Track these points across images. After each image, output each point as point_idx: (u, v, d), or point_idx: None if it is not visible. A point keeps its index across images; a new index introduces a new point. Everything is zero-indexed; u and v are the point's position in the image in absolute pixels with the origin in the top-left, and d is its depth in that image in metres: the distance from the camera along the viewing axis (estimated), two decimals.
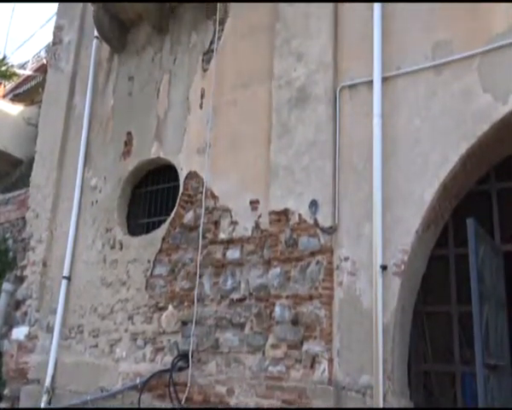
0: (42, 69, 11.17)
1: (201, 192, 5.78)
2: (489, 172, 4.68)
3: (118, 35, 7.24)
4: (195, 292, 5.49)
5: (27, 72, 11.67)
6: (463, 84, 4.36)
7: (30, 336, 6.94)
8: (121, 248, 6.41)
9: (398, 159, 4.54)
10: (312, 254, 4.79)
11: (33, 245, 7.33)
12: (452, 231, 4.84)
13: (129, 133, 6.79)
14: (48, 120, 7.87)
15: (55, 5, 8.93)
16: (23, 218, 7.71)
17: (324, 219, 4.80)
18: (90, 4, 7.31)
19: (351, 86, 4.97)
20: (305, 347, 4.65)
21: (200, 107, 6.12)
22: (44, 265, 7.11)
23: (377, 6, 4.84)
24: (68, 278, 6.76)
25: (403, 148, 4.54)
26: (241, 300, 5.21)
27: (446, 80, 4.46)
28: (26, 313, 7.08)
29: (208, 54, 6.25)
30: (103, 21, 7.10)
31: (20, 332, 7.07)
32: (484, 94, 4.25)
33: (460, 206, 4.74)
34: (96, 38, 7.54)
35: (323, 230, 4.78)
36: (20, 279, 7.33)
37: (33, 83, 11.29)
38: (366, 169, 4.68)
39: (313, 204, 4.90)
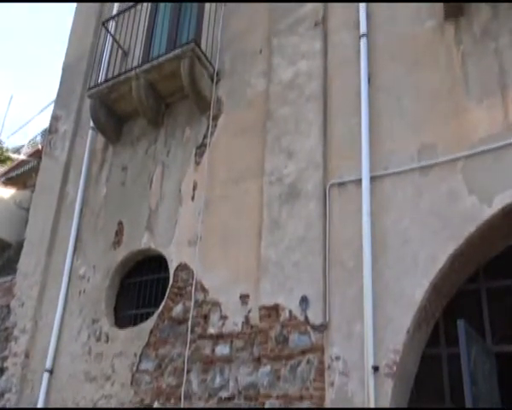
0: (36, 154, 11.36)
1: (191, 285, 5.75)
2: (478, 271, 4.72)
3: (113, 127, 7.45)
4: (182, 389, 5.32)
5: (22, 156, 11.86)
6: (449, 186, 4.50)
7: None
8: (107, 340, 6.25)
9: (387, 257, 4.58)
10: (303, 352, 4.71)
11: (16, 335, 7.12)
12: (443, 329, 4.80)
13: (120, 223, 6.82)
14: (39, 206, 7.91)
15: (54, 93, 9.22)
16: (8, 306, 7.54)
17: (315, 316, 4.76)
18: (87, 97, 7.56)
19: (340, 184, 5.10)
20: None
21: (192, 199, 6.21)
22: (27, 356, 6.89)
23: (365, 110, 5.07)
24: (51, 371, 6.54)
25: (392, 246, 4.60)
26: (230, 398, 5.04)
27: (432, 181, 4.60)
28: (4, 409, 6.76)
29: (201, 148, 6.43)
30: (99, 114, 7.32)
31: None
32: (469, 196, 4.38)
33: (450, 304, 4.74)
34: (92, 128, 7.75)
35: (314, 327, 4.73)
36: (1, 371, 7.06)
37: (27, 167, 11.45)
38: (356, 267, 4.71)
39: (304, 300, 4.88)
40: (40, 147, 11.55)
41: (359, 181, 4.94)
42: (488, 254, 4.62)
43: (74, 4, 9.85)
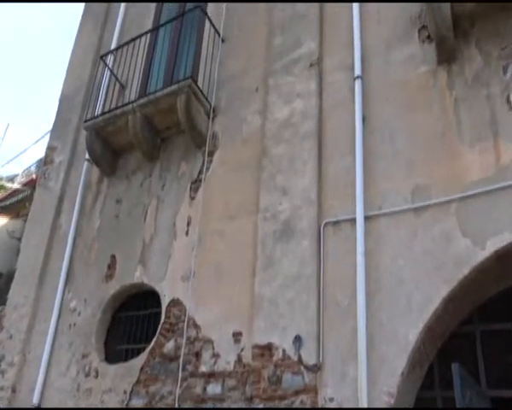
0: (30, 183, 11.35)
1: (183, 321, 5.68)
2: (472, 313, 4.72)
3: (109, 159, 7.47)
4: None
5: (16, 185, 11.85)
6: (443, 228, 4.52)
7: None
8: (97, 376, 6.15)
9: (382, 298, 4.58)
10: (296, 392, 4.64)
11: (4, 368, 6.99)
12: (438, 372, 4.77)
13: (113, 256, 6.78)
14: (32, 237, 7.85)
15: (50, 123, 9.26)
16: None
17: (309, 356, 4.72)
18: (83, 129, 7.60)
19: (334, 223, 5.11)
20: None
21: (186, 234, 6.20)
22: (13, 391, 6.75)
23: (359, 150, 5.14)
24: (38, 407, 6.40)
25: (386, 287, 4.60)
26: None
27: (426, 223, 4.63)
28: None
29: (196, 183, 6.45)
30: (95, 146, 7.34)
31: None
32: (463, 238, 4.40)
33: (445, 346, 4.72)
34: (87, 160, 7.76)
35: (308, 367, 4.68)
36: None
37: (20, 196, 11.42)
38: (350, 306, 4.69)
39: (297, 340, 4.84)
40: (34, 176, 11.54)
41: (353, 220, 4.96)
42: (482, 298, 4.62)
43: (74, 34, 9.95)
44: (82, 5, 9.97)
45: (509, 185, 4.34)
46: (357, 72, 5.52)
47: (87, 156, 7.70)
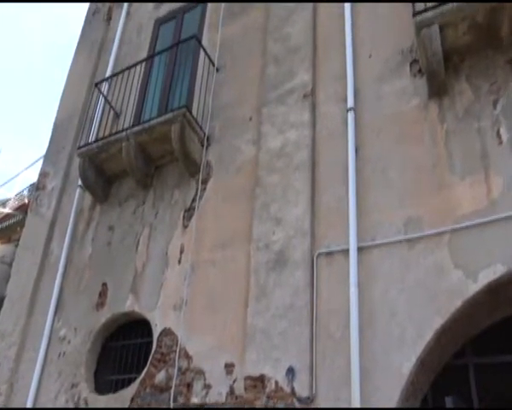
0: (22, 208, 11.28)
1: (175, 351, 5.63)
2: (465, 345, 4.71)
3: (101, 186, 7.45)
4: None
5: (7, 210, 11.78)
6: (435, 259, 4.55)
7: None
8: (86, 406, 6.04)
9: (375, 330, 4.57)
10: None
11: None
12: (432, 404, 4.74)
13: (104, 284, 6.72)
14: (22, 264, 7.78)
15: (43, 148, 9.26)
16: None
17: (302, 388, 4.67)
18: (76, 155, 7.61)
19: (327, 253, 5.12)
20: None
21: (179, 262, 6.17)
22: None
23: (352, 181, 5.18)
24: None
25: (379, 319, 4.59)
26: None
27: (419, 254, 4.65)
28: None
29: (189, 211, 6.44)
30: (88, 173, 7.34)
31: None
32: (455, 270, 4.42)
33: (438, 378, 4.70)
34: (80, 187, 7.75)
35: (300, 400, 4.64)
36: None
37: (12, 221, 11.34)
38: (344, 338, 4.67)
39: (290, 371, 4.80)
40: (26, 201, 11.49)
41: (347, 251, 4.97)
42: (475, 330, 4.62)
43: (69, 61, 10.02)
44: (79, 26, 10.07)
45: (501, 218, 4.39)
46: (350, 104, 5.60)
47: (80, 183, 7.69)
